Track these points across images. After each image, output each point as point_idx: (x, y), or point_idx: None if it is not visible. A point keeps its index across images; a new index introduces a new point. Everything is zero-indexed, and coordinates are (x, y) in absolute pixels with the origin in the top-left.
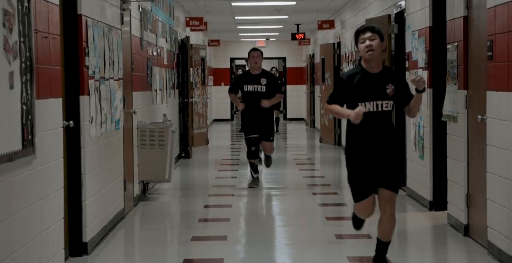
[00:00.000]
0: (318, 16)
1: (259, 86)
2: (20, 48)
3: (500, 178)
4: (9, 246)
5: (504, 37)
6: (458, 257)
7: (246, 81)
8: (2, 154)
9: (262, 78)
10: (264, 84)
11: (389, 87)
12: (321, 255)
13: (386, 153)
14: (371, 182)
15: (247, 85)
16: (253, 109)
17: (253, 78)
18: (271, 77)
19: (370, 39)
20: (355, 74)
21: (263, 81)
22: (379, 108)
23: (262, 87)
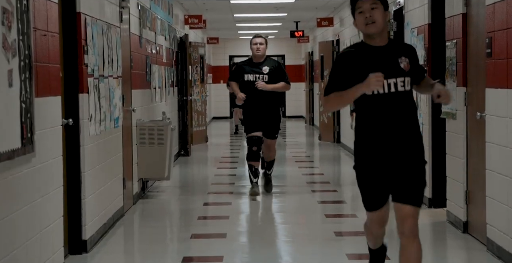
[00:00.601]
0: (317, 13)
1: (260, 75)
2: (19, 46)
3: (499, 175)
4: (9, 244)
5: (503, 34)
6: (457, 254)
7: (246, 70)
8: (2, 152)
9: (264, 67)
10: (266, 73)
11: (403, 61)
12: (320, 253)
13: (408, 152)
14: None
15: (247, 74)
16: (255, 102)
17: (255, 66)
18: (276, 65)
19: (370, 8)
20: (355, 51)
21: (265, 69)
22: (392, 89)
23: (263, 76)
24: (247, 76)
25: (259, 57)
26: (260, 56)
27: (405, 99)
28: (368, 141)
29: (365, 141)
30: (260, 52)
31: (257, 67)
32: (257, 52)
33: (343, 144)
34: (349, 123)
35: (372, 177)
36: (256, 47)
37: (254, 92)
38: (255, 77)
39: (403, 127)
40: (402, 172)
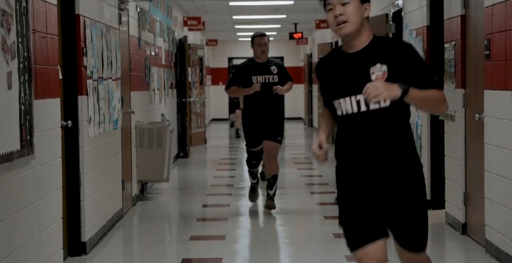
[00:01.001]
0: (316, 15)
1: (270, 76)
2: (18, 48)
3: (497, 177)
4: (8, 246)
5: (501, 36)
6: (456, 255)
7: (254, 72)
8: (1, 154)
9: (272, 67)
10: (275, 73)
11: (377, 70)
12: (319, 254)
13: (393, 186)
14: (379, 219)
15: (257, 76)
16: (260, 106)
17: (261, 67)
18: (280, 64)
19: (341, 4)
20: (327, 60)
21: (274, 69)
22: (363, 107)
23: (274, 77)
24: (255, 78)
25: (263, 57)
26: (265, 57)
27: (385, 119)
28: (347, 170)
29: (343, 168)
30: (265, 54)
31: (264, 67)
32: (262, 54)
33: None
34: None
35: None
36: (261, 49)
37: (260, 96)
38: (265, 78)
39: (387, 153)
40: (392, 210)
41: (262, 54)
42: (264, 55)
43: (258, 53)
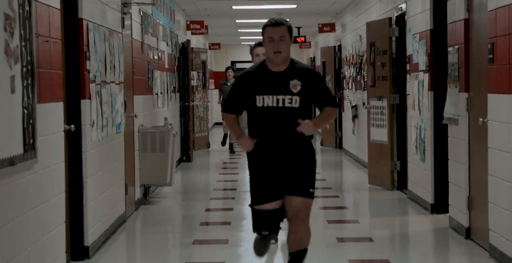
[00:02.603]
0: (319, 19)
1: (287, 97)
2: (21, 52)
3: (501, 181)
4: (11, 250)
5: (505, 39)
6: (459, 260)
7: (260, 88)
8: (4, 158)
9: (293, 80)
10: (296, 91)
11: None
12: (322, 259)
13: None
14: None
15: (262, 97)
16: (277, 140)
17: (275, 79)
18: (311, 75)
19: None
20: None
21: (295, 85)
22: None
23: (293, 99)
24: (261, 99)
25: (280, 62)
26: (282, 60)
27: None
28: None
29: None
30: (282, 55)
31: (279, 80)
32: (276, 55)
33: (345, 149)
34: (351, 129)
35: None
36: (273, 47)
37: (272, 126)
38: (277, 100)
39: (288, 136)
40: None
41: (276, 56)
42: (279, 58)
43: (270, 53)
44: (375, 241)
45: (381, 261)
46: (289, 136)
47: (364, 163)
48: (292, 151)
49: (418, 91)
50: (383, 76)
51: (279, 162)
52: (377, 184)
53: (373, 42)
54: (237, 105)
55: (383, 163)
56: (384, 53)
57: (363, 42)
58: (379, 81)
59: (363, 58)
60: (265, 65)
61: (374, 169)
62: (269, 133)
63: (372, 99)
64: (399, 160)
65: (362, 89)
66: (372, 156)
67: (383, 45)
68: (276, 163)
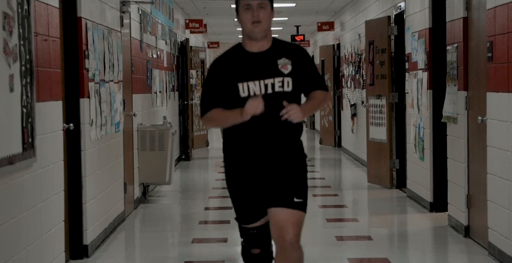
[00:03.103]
0: (318, 17)
1: (277, 80)
2: (20, 51)
3: (500, 179)
4: (10, 248)
5: (504, 38)
6: (458, 258)
7: (242, 73)
8: (3, 157)
9: (280, 58)
10: (288, 72)
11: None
12: (321, 257)
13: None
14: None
15: (247, 83)
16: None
17: (258, 60)
18: (298, 52)
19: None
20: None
21: (286, 64)
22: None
23: (285, 81)
24: (245, 87)
25: (260, 37)
26: (262, 35)
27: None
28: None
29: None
30: (261, 26)
31: (264, 61)
32: (254, 27)
33: (344, 148)
34: (350, 127)
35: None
36: (251, 16)
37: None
38: (266, 86)
39: (281, 130)
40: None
41: (254, 26)
42: (259, 29)
43: (247, 25)
44: (374, 240)
45: (380, 259)
46: (280, 130)
47: (363, 161)
48: (281, 151)
49: (417, 89)
50: (382, 74)
51: (265, 167)
52: (376, 183)
53: (372, 41)
54: (217, 101)
55: (382, 162)
56: (383, 52)
57: (362, 40)
58: (378, 79)
59: (362, 57)
60: (241, 47)
61: (373, 167)
62: (257, 128)
63: (371, 97)
64: (398, 159)
65: (361, 88)
66: (371, 155)
67: (382, 44)
68: (261, 169)
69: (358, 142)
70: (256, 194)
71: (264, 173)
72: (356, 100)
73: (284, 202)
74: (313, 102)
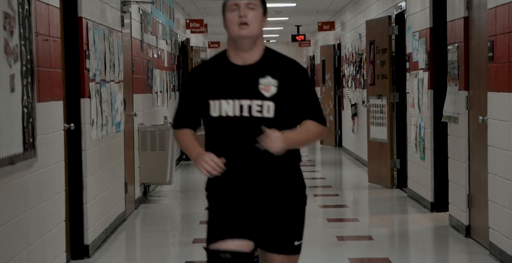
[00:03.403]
0: (318, 17)
1: (255, 103)
2: (20, 51)
3: (501, 179)
4: (10, 248)
5: (504, 38)
6: (459, 258)
7: (215, 88)
8: (3, 157)
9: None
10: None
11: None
12: (322, 257)
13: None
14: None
15: (219, 102)
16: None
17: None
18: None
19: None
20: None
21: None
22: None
23: (264, 106)
24: (217, 106)
25: (247, 46)
26: (248, 43)
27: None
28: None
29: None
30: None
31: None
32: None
33: (345, 148)
34: (350, 127)
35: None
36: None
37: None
38: (241, 108)
39: (264, 160)
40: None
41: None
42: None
43: (233, 28)
44: (375, 239)
45: (381, 259)
46: (263, 160)
47: (363, 161)
48: (270, 183)
49: (417, 89)
50: (382, 74)
51: (250, 199)
52: (377, 182)
53: (372, 41)
54: (190, 117)
55: (382, 161)
56: (383, 52)
57: (362, 40)
58: (378, 79)
59: (363, 57)
60: (225, 57)
61: (374, 167)
62: (232, 158)
63: (372, 97)
64: (398, 158)
65: (361, 88)
66: (371, 154)
67: (382, 44)
68: (247, 200)
69: (359, 141)
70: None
71: (255, 203)
72: (356, 100)
73: (284, 248)
74: (300, 133)
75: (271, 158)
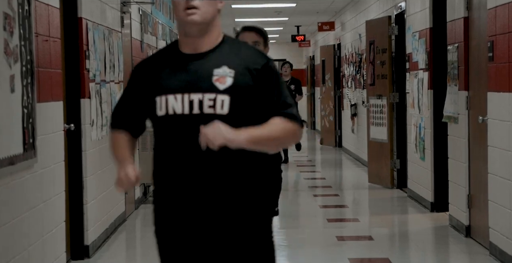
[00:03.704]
0: (318, 18)
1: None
2: (20, 51)
3: (501, 179)
4: (11, 249)
5: (504, 38)
6: (459, 258)
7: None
8: (4, 157)
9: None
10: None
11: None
12: (322, 257)
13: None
14: None
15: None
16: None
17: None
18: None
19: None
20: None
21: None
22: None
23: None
24: (163, 102)
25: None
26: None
27: None
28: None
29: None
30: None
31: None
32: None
33: (345, 148)
34: (350, 127)
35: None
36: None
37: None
38: (191, 104)
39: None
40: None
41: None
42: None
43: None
44: (375, 240)
45: (381, 259)
46: (217, 169)
47: (363, 161)
48: (225, 203)
49: (417, 89)
50: (382, 74)
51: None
52: (377, 183)
53: (372, 41)
54: (129, 117)
55: (383, 162)
56: (383, 52)
57: (362, 40)
58: (378, 79)
59: (363, 57)
60: (176, 45)
61: (374, 167)
62: (180, 166)
63: (372, 97)
64: (398, 158)
65: (361, 88)
66: (371, 155)
67: (382, 44)
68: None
69: (359, 141)
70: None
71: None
72: (356, 100)
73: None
74: (261, 130)
75: (228, 165)
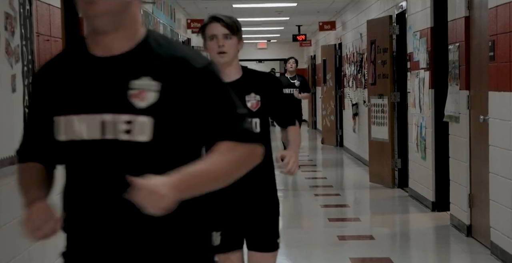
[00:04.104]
0: (319, 17)
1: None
2: (22, 51)
3: (502, 178)
4: (11, 249)
5: (505, 37)
6: (460, 257)
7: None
8: (5, 157)
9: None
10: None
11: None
12: (323, 257)
13: None
14: None
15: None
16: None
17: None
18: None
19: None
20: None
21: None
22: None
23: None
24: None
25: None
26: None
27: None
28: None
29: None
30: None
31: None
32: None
33: (346, 147)
34: (351, 127)
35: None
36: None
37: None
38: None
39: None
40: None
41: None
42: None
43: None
44: (376, 239)
45: (382, 259)
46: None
47: (365, 161)
48: None
49: (418, 89)
50: (383, 74)
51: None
52: (378, 182)
53: (373, 40)
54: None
55: (384, 161)
56: (384, 51)
57: (363, 40)
58: (379, 79)
59: (364, 56)
60: (84, 44)
61: (375, 167)
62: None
63: (373, 97)
64: (400, 158)
65: (362, 87)
66: (373, 154)
67: (383, 43)
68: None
69: (360, 141)
70: None
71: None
72: (357, 100)
73: None
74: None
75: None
